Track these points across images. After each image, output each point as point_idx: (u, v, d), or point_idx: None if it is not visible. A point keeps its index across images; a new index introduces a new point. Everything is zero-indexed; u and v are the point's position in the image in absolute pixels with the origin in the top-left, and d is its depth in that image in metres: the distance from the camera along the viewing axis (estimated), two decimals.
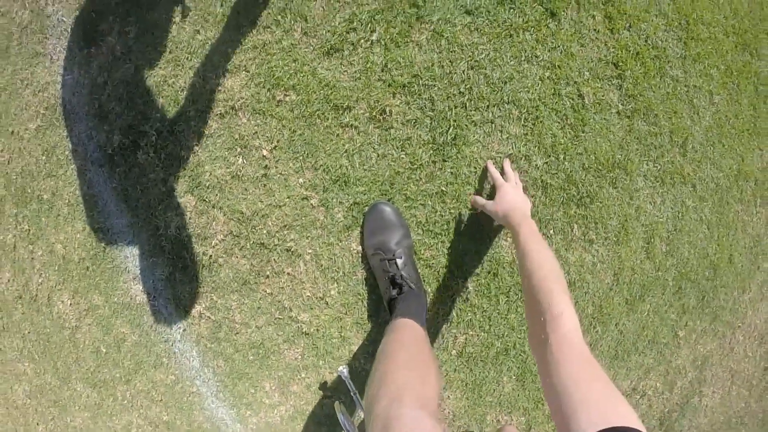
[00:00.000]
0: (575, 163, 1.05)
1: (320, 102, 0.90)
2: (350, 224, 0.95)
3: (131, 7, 1.04)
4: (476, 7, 0.93)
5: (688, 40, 1.25)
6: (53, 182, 1.24)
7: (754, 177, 1.39)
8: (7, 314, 1.45)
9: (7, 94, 1.32)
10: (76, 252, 1.20)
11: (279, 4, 0.91)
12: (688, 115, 1.23)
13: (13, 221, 1.33)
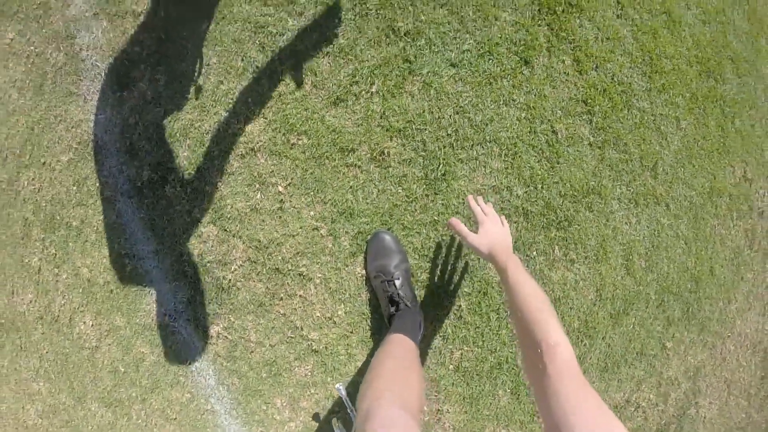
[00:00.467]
0: (552, 191, 1.19)
1: (328, 145, 1.06)
2: (355, 251, 1.08)
3: (161, 58, 1.21)
4: (459, 60, 1.09)
5: (653, 74, 1.41)
6: (83, 210, 1.37)
7: (728, 193, 1.50)
8: (26, 334, 1.54)
9: (40, 127, 1.48)
10: (102, 276, 1.32)
11: (290, 60, 1.07)
12: (657, 141, 1.37)
13: (40, 245, 1.45)
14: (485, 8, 1.17)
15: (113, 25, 1.32)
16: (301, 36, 1.11)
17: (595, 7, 1.35)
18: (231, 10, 1.14)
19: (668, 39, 1.47)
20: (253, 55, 1.10)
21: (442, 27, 1.12)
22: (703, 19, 1.58)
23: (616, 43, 1.38)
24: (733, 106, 1.56)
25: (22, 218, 1.51)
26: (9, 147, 1.55)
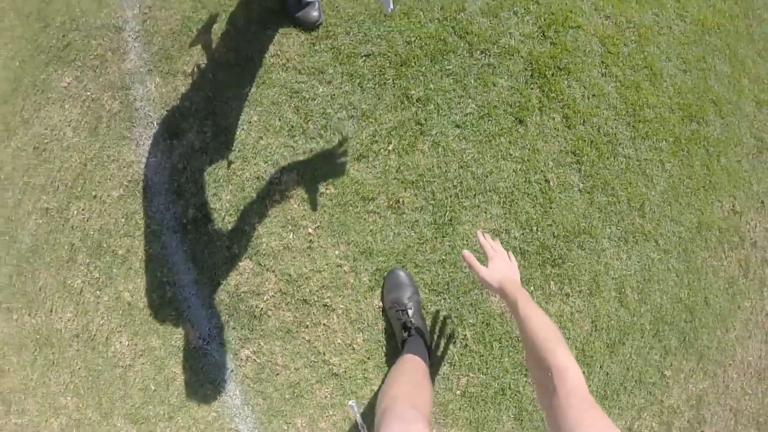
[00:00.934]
0: (546, 232, 1.36)
1: (352, 194, 1.26)
2: (373, 285, 1.26)
3: (209, 113, 1.43)
4: (463, 122, 1.30)
5: (636, 123, 1.60)
6: (129, 241, 1.55)
7: (717, 226, 1.61)
8: (60, 350, 1.67)
9: (93, 164, 1.70)
10: (142, 300, 1.47)
11: (321, 121, 1.29)
12: (643, 183, 1.53)
13: (84, 269, 1.63)
14: (485, 76, 1.38)
15: (165, 81, 1.56)
16: (329, 101, 1.33)
17: (582, 69, 1.56)
18: (270, 77, 1.37)
19: (650, 90, 1.66)
20: (289, 116, 1.33)
21: (448, 94, 1.34)
22: (684, 69, 1.79)
23: (601, 99, 1.58)
24: (717, 145, 1.71)
25: (68, 243, 1.71)
26: (61, 179, 1.77)
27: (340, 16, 1.44)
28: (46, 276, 1.75)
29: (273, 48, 1.41)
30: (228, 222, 1.35)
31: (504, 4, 1.53)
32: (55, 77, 1.96)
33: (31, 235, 1.82)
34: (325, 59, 1.39)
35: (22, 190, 1.93)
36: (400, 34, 1.41)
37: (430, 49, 1.40)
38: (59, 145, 1.86)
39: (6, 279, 1.91)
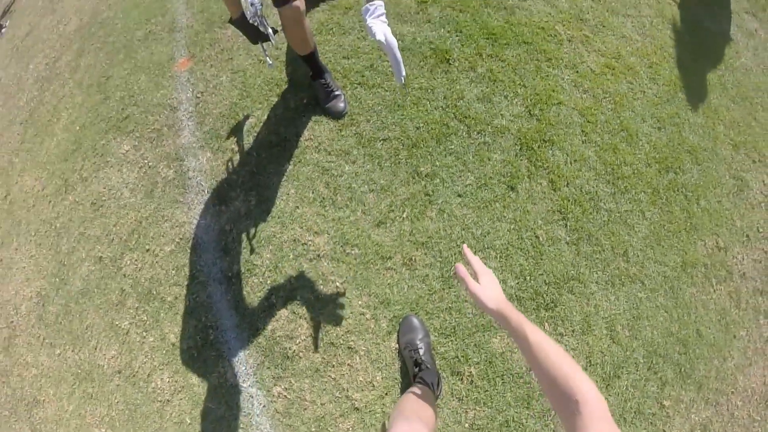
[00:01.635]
0: (539, 281, 1.62)
1: (372, 254, 1.55)
2: (391, 330, 1.52)
3: (253, 185, 1.76)
4: (464, 192, 1.61)
5: (615, 180, 1.84)
6: (178, 289, 1.83)
7: (702, 263, 1.75)
8: (100, 385, 1.86)
9: (147, 222, 2.01)
10: (186, 342, 1.70)
11: (347, 194, 1.61)
12: (625, 232, 1.74)
13: (133, 312, 1.89)
14: (481, 152, 1.71)
15: (216, 156, 1.91)
16: (354, 177, 1.66)
17: (564, 139, 1.87)
18: (305, 156, 1.72)
19: (627, 150, 1.92)
20: (320, 190, 1.65)
21: (451, 169, 1.67)
22: (658, 126, 2.05)
23: (582, 163, 1.86)
24: (695, 190, 1.90)
25: (119, 289, 2.00)
26: (116, 232, 2.10)
27: (362, 107, 1.81)
28: (94, 317, 2.02)
29: (307, 132, 1.78)
30: (267, 276, 1.64)
31: (495, 90, 1.89)
32: (115, 144, 2.35)
33: (83, 279, 2.13)
34: (350, 143, 1.75)
35: (77, 239, 2.26)
36: (410, 121, 1.77)
37: (436, 132, 1.75)
38: (116, 203, 2.21)
39: (52, 317, 2.20)
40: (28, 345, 2.26)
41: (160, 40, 2.43)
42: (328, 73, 1.81)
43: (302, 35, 1.58)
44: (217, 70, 2.10)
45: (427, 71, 1.90)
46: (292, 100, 1.87)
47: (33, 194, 2.72)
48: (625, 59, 2.17)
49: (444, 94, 1.84)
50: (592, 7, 2.34)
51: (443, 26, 2.03)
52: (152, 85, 2.29)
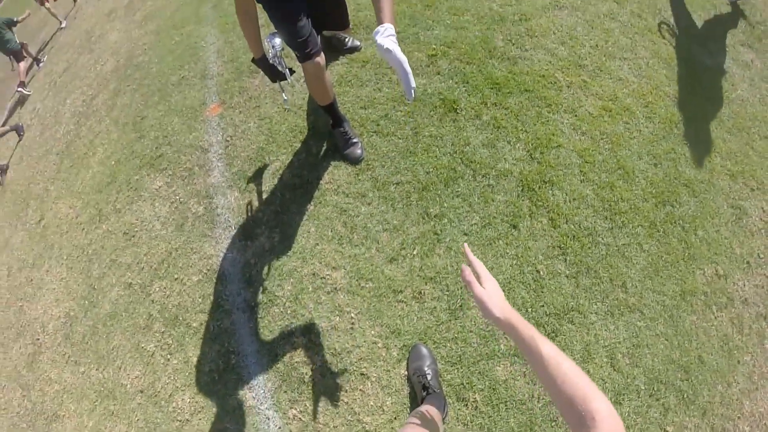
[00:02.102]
0: (540, 312, 1.75)
1: (385, 288, 1.73)
2: (401, 358, 1.68)
3: (277, 223, 1.97)
4: (470, 231, 1.80)
5: (613, 216, 1.95)
6: (203, 316, 2.01)
7: (702, 291, 1.81)
8: (121, 403, 2.01)
9: (177, 253, 2.21)
10: (209, 365, 1.86)
11: (363, 233, 1.81)
12: (623, 264, 1.83)
13: (159, 336, 2.06)
14: (485, 194, 1.90)
15: (243, 195, 2.14)
16: (369, 218, 1.86)
17: (563, 179, 2.04)
18: (325, 198, 1.93)
19: (624, 187, 2.04)
20: (338, 228, 1.86)
21: (458, 210, 1.86)
22: (655, 163, 2.15)
23: (581, 201, 2.00)
24: (692, 221, 1.98)
25: (147, 314, 2.18)
26: (147, 261, 2.31)
27: (377, 153, 2.04)
28: (120, 338, 2.20)
29: (327, 176, 2.00)
30: (288, 306, 1.83)
31: (499, 136, 2.09)
32: (148, 180, 2.60)
33: (112, 303, 2.33)
34: (366, 186, 1.96)
35: (108, 265, 2.49)
36: (421, 166, 1.98)
37: (444, 176, 1.95)
38: (148, 234, 2.44)
39: (79, 337, 2.39)
40: (52, 362, 2.45)
41: (193, 86, 2.72)
42: (346, 122, 2.05)
43: (323, 88, 1.82)
44: (246, 116, 2.36)
45: (436, 120, 2.12)
46: (314, 146, 2.11)
47: (67, 221, 2.99)
48: (621, 101, 2.34)
49: (452, 141, 2.05)
50: (590, 53, 2.55)
51: (451, 77, 2.27)
52: (185, 128, 2.56)
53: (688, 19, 2.88)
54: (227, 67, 2.67)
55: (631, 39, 2.64)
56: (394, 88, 2.26)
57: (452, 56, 2.35)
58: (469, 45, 2.40)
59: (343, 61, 2.39)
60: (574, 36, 2.60)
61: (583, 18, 2.71)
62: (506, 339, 1.66)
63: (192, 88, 2.74)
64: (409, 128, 2.11)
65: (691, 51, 2.68)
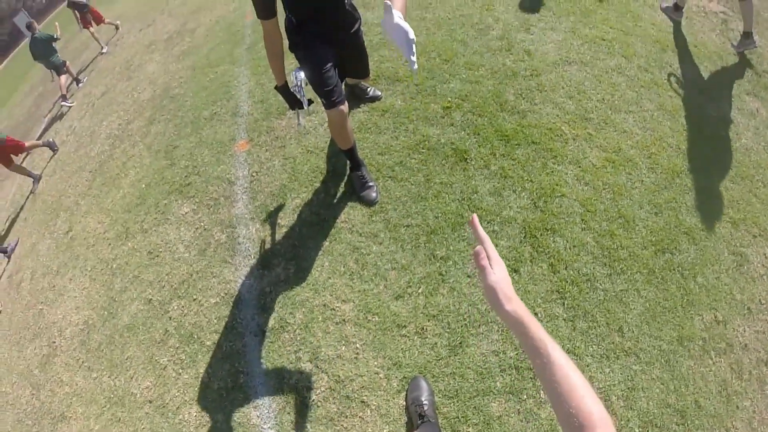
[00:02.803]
0: None
1: (390, 322, 1.92)
2: (400, 389, 1.84)
3: (293, 256, 2.20)
4: (473, 273, 2.00)
5: (612, 263, 2.07)
6: (217, 336, 2.20)
7: (700, 336, 1.86)
8: (129, 411, 2.18)
9: (197, 275, 2.44)
10: (217, 382, 2.03)
11: (373, 270, 2.02)
12: (620, 309, 1.93)
13: (173, 351, 2.25)
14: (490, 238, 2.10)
15: (264, 228, 2.38)
16: (379, 257, 2.08)
17: (565, 227, 2.21)
18: (339, 236, 2.16)
19: (624, 235, 2.17)
20: (350, 265, 2.08)
21: (463, 253, 2.06)
22: (655, 212, 2.26)
23: (581, 248, 2.14)
24: (692, 268, 2.06)
25: (163, 329, 2.38)
26: (168, 280, 2.54)
27: (391, 197, 2.28)
28: (135, 350, 2.40)
29: (343, 215, 2.24)
30: (298, 334, 2.02)
31: (506, 185, 2.31)
32: (176, 205, 2.88)
33: (130, 316, 2.55)
34: (379, 227, 2.19)
35: (131, 280, 2.73)
36: (431, 211, 2.21)
37: (451, 221, 2.17)
38: (171, 255, 2.69)
39: (95, 344, 2.60)
40: (65, 365, 2.66)
41: (224, 122, 3.04)
42: (364, 167, 2.30)
43: (345, 134, 2.08)
44: (271, 154, 2.64)
45: (447, 168, 2.36)
46: (332, 187, 2.37)
47: (94, 235, 3.27)
48: (625, 152, 2.51)
49: (461, 188, 2.28)
50: (596, 107, 2.77)
51: (464, 129, 2.53)
52: (214, 160, 2.86)
53: (694, 71, 3.07)
54: (257, 107, 2.99)
55: (636, 92, 2.85)
56: (410, 137, 2.52)
57: (466, 109, 2.62)
58: (482, 98, 2.67)
59: (364, 109, 2.68)
60: (582, 90, 2.83)
61: (591, 73, 2.96)
62: (503, 377, 1.80)
63: (223, 123, 3.06)
64: (421, 175, 2.35)
65: (697, 102, 2.84)
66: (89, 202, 3.72)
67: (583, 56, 3.05)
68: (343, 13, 1.91)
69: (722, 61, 3.17)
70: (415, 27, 3.26)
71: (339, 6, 1.87)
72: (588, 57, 3.05)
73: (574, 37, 3.19)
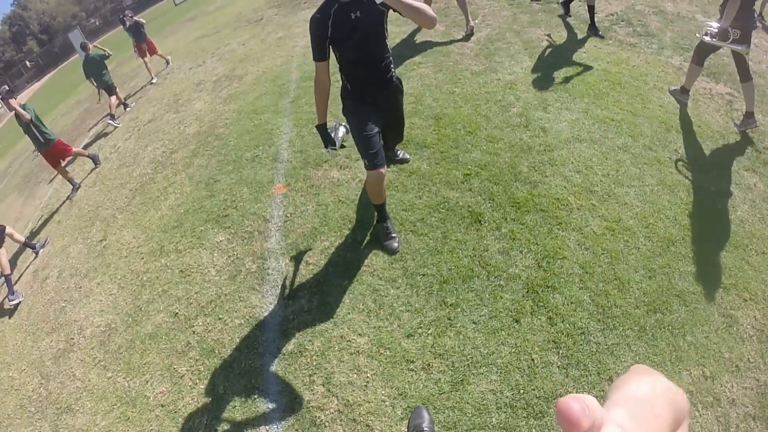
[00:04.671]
0: (531, 394, 2.15)
1: (400, 357, 2.28)
2: (403, 417, 2.15)
3: (317, 291, 2.60)
4: (478, 320, 2.36)
5: (606, 319, 2.38)
6: (237, 353, 2.55)
7: (687, 390, 2.04)
8: (140, 412, 2.48)
9: (226, 298, 2.83)
10: (232, 395, 2.35)
11: (388, 310, 2.40)
12: (611, 361, 2.21)
13: (192, 362, 2.59)
14: (495, 292, 2.48)
15: (293, 263, 2.80)
16: (396, 299, 2.48)
17: (564, 285, 2.56)
18: (361, 278, 2.58)
19: (618, 295, 2.48)
20: (369, 304, 2.47)
21: (471, 302, 2.44)
22: (649, 276, 2.54)
23: (577, 305, 2.47)
24: (681, 327, 2.28)
25: (186, 341, 2.74)
26: (196, 298, 2.93)
27: (410, 248, 2.73)
28: (155, 356, 2.74)
29: (366, 260, 2.67)
30: (314, 360, 2.37)
31: (514, 246, 2.72)
32: (212, 233, 3.34)
33: (154, 326, 2.91)
34: (398, 273, 2.61)
35: (159, 294, 3.12)
36: (445, 264, 2.63)
37: (463, 274, 2.58)
38: (202, 277, 3.10)
39: (115, 346, 2.94)
40: (80, 361, 2.99)
41: (264, 165, 3.57)
42: (389, 220, 2.76)
43: (379, 191, 2.54)
44: (306, 200, 3.13)
45: (463, 228, 2.81)
46: (359, 235, 2.82)
47: (128, 248, 3.72)
48: (624, 222, 2.89)
49: (473, 246, 2.70)
50: (601, 181, 3.21)
51: (480, 194, 2.99)
52: (252, 198, 3.35)
53: (697, 149, 3.47)
54: (296, 156, 3.53)
55: (639, 168, 3.28)
56: (432, 198, 3.01)
57: (483, 177, 3.10)
58: (499, 168, 3.16)
59: (393, 170, 3.19)
60: (589, 165, 3.30)
61: (599, 150, 3.43)
62: (498, 413, 2.08)
63: (263, 166, 3.59)
64: (439, 232, 2.80)
65: (696, 178, 3.20)
66: (126, 217, 4.20)
67: (593, 135, 3.55)
68: (391, 83, 2.41)
69: (724, 140, 3.54)
70: (445, 100, 3.86)
71: (387, 76, 2.36)
72: (597, 135, 3.54)
73: (587, 117, 3.71)
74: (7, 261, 4.22)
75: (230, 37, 8.26)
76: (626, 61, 4.44)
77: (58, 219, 4.99)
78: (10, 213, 6.45)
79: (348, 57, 2.27)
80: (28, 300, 3.94)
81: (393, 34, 5.42)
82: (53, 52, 31.04)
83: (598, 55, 4.51)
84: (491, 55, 4.62)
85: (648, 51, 4.61)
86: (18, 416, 2.87)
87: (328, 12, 2.12)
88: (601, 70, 4.24)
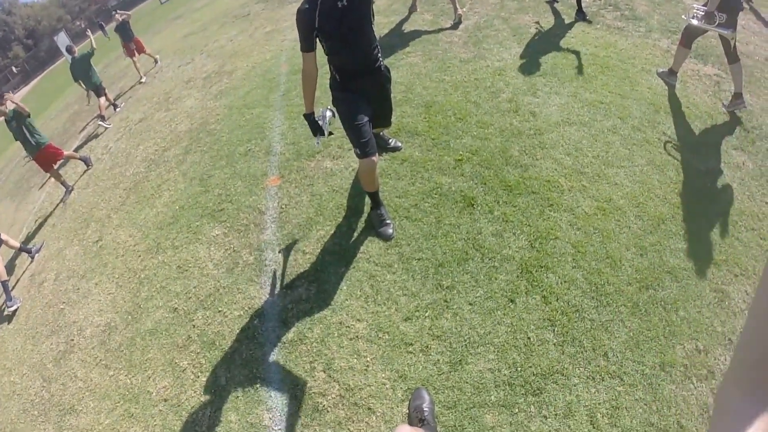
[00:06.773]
0: (528, 372, 2.20)
1: (398, 340, 2.34)
2: (404, 399, 2.20)
3: (315, 279, 2.63)
4: (474, 301, 2.41)
5: (599, 297, 2.43)
6: (237, 344, 2.59)
7: (681, 363, 2.07)
8: (143, 408, 2.51)
9: (224, 290, 2.85)
10: (234, 386, 2.39)
11: (385, 295, 2.43)
12: (606, 336, 2.25)
13: (194, 355, 2.62)
14: (490, 273, 2.53)
15: (289, 253, 2.83)
16: (392, 284, 2.51)
17: (557, 265, 2.61)
18: (358, 264, 2.62)
19: (611, 273, 2.53)
20: (366, 290, 2.51)
21: (466, 284, 2.48)
22: (641, 254, 2.59)
23: (571, 283, 2.52)
24: (674, 303, 2.31)
25: (186, 335, 2.77)
26: (195, 293, 2.96)
27: (405, 234, 2.76)
28: (156, 352, 2.76)
29: (362, 247, 2.70)
30: (314, 347, 2.41)
31: (506, 228, 2.76)
32: (207, 228, 3.35)
33: (154, 322, 2.94)
34: (393, 259, 2.64)
35: (158, 290, 3.14)
36: (440, 248, 2.66)
37: (457, 257, 2.62)
38: (200, 271, 3.13)
39: (115, 345, 2.97)
40: (81, 361, 3.01)
41: (257, 158, 3.58)
42: (383, 206, 2.79)
43: (372, 179, 2.57)
44: (300, 191, 3.15)
45: (456, 212, 2.84)
46: (354, 223, 2.85)
47: (124, 246, 3.73)
48: (615, 202, 2.94)
49: (467, 229, 2.74)
50: (591, 162, 3.25)
51: (472, 179, 3.03)
52: (246, 191, 3.37)
53: (685, 129, 3.53)
54: (289, 148, 3.55)
55: (629, 149, 3.33)
56: (425, 184, 3.04)
57: (475, 162, 3.13)
58: (490, 153, 3.19)
59: (386, 158, 3.22)
60: (579, 148, 3.34)
61: (589, 132, 3.48)
62: (497, 391, 2.12)
63: (256, 160, 3.60)
64: (433, 217, 2.84)
65: (685, 158, 3.26)
66: (121, 216, 4.20)
67: (582, 117, 3.59)
68: (379, 71, 2.46)
69: (712, 120, 3.60)
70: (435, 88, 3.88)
71: (375, 65, 2.41)
72: (587, 118, 3.59)
73: (576, 101, 3.75)
74: (3, 267, 4.22)
75: (218, 33, 8.24)
76: (614, 44, 4.47)
77: (52, 222, 4.99)
78: (3, 219, 6.43)
79: (335, 47, 2.30)
80: (26, 304, 3.94)
81: (381, 24, 5.42)
82: (39, 56, 30.72)
83: (586, 40, 4.54)
84: (480, 43, 4.65)
85: (636, 34, 4.65)
86: (21, 420, 2.90)
87: (315, 2, 2.14)
88: (590, 54, 4.28)
